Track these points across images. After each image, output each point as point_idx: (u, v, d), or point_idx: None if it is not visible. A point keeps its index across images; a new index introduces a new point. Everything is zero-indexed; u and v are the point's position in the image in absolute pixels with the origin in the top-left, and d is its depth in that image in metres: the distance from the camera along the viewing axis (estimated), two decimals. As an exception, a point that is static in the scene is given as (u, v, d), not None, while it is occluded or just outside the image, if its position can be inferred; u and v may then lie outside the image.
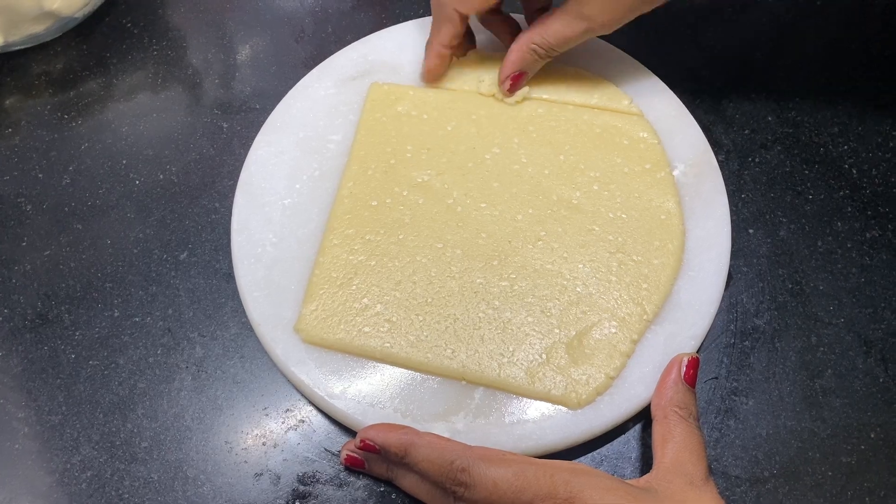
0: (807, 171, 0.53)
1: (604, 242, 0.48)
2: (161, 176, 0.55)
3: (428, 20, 0.57)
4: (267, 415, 0.47)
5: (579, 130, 0.51)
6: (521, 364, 0.44)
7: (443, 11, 0.50)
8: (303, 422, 0.46)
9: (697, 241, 0.48)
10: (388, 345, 0.45)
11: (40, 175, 0.55)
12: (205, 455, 0.46)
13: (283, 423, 0.47)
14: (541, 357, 0.45)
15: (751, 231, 0.51)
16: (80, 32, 0.60)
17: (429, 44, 0.53)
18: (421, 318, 0.46)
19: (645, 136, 0.51)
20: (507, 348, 0.45)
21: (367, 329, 0.45)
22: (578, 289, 0.46)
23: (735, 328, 0.48)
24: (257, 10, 0.62)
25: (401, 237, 0.48)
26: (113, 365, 0.48)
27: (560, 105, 0.53)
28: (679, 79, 0.56)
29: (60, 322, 0.50)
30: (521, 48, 0.50)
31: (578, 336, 0.45)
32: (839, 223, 0.51)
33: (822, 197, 0.52)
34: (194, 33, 0.61)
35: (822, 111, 0.55)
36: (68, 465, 0.45)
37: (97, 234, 0.53)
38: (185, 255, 0.52)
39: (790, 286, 0.49)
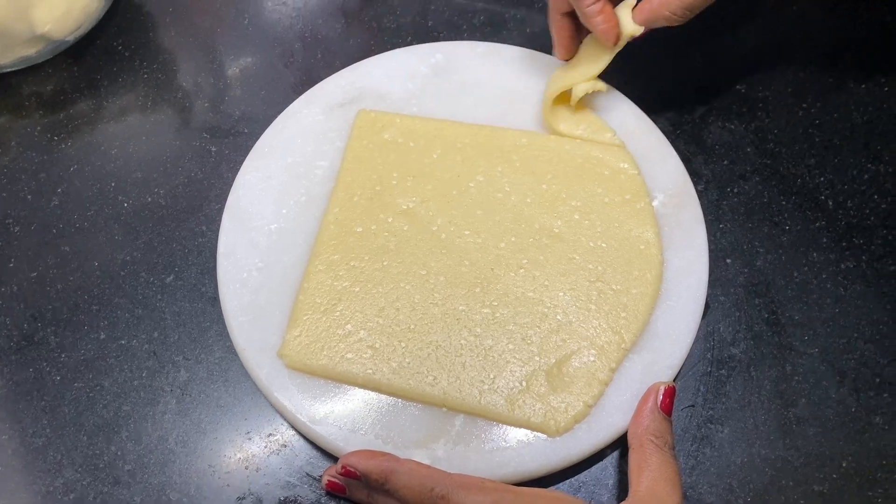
0: (784, 202, 0.54)
1: (584, 271, 0.49)
2: (149, 199, 0.55)
3: (415, 49, 0.58)
4: (250, 439, 0.47)
5: (562, 160, 0.52)
6: (502, 391, 0.45)
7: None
8: (285, 446, 0.47)
9: (676, 270, 0.49)
10: (370, 371, 0.46)
11: (29, 196, 0.55)
12: (188, 478, 0.46)
13: (265, 447, 0.47)
14: (521, 384, 0.45)
15: (728, 261, 0.52)
16: (71, 54, 0.61)
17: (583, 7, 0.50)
18: (403, 345, 0.46)
19: (625, 167, 0.52)
20: (488, 375, 0.46)
21: (349, 355, 0.46)
22: (559, 317, 0.47)
23: (712, 357, 0.49)
24: (247, 35, 0.63)
25: (385, 264, 0.49)
26: (98, 387, 0.49)
27: (544, 135, 0.54)
28: (660, 109, 0.57)
29: (46, 344, 0.50)
30: (654, 10, 0.49)
31: (558, 364, 0.46)
32: (815, 254, 0.52)
33: (798, 228, 0.53)
34: (185, 56, 0.62)
35: (800, 143, 0.56)
36: (51, 488, 0.46)
37: (85, 256, 0.53)
38: (171, 278, 0.52)
39: (766, 315, 0.50)
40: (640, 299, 0.48)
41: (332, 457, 0.46)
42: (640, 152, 0.53)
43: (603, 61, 0.51)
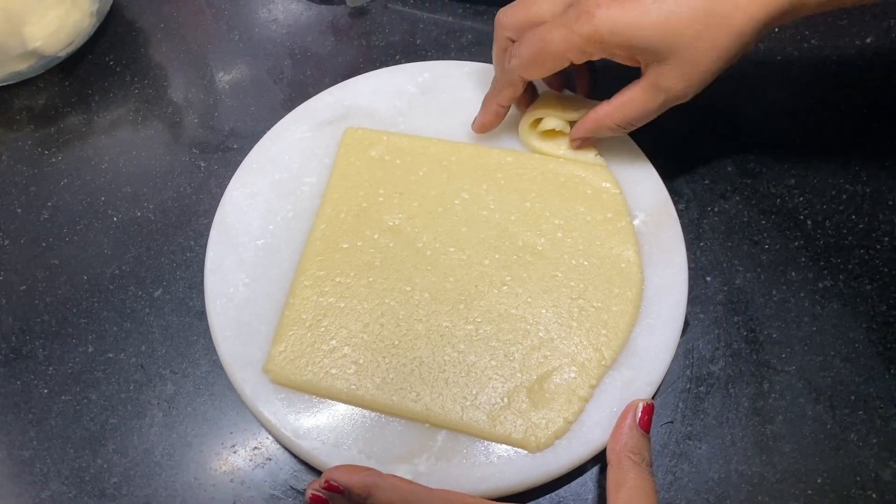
0: (764, 222, 0.55)
1: (566, 288, 0.49)
2: (138, 213, 0.56)
3: (402, 67, 0.59)
4: (235, 452, 0.48)
5: (545, 179, 0.53)
6: (484, 407, 0.46)
7: (507, 76, 0.50)
8: (270, 459, 0.48)
9: (656, 288, 0.50)
10: (353, 387, 0.46)
11: (19, 210, 0.56)
12: (174, 491, 0.47)
13: (250, 460, 0.48)
14: (503, 401, 0.46)
15: (708, 278, 0.53)
16: (62, 69, 0.62)
17: (487, 99, 0.53)
18: (387, 361, 0.47)
19: (608, 186, 0.53)
20: (471, 392, 0.46)
21: (334, 371, 0.47)
22: (541, 334, 0.48)
23: (691, 374, 0.50)
24: (238, 51, 0.63)
25: (370, 279, 0.50)
26: (85, 400, 0.49)
27: (528, 154, 0.54)
28: (642, 128, 0.58)
29: (34, 357, 0.51)
30: (599, 120, 0.50)
31: (539, 380, 0.47)
32: (793, 272, 0.53)
33: (777, 247, 0.54)
34: (175, 72, 0.63)
35: (780, 163, 0.57)
36: (37, 501, 0.46)
37: (73, 270, 0.54)
38: (159, 292, 0.53)
39: (745, 333, 0.51)
40: (621, 317, 0.48)
41: (316, 470, 0.47)
42: (621, 172, 0.54)
43: (581, 114, 0.52)
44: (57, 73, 0.62)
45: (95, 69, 0.62)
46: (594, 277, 0.50)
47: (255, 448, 0.48)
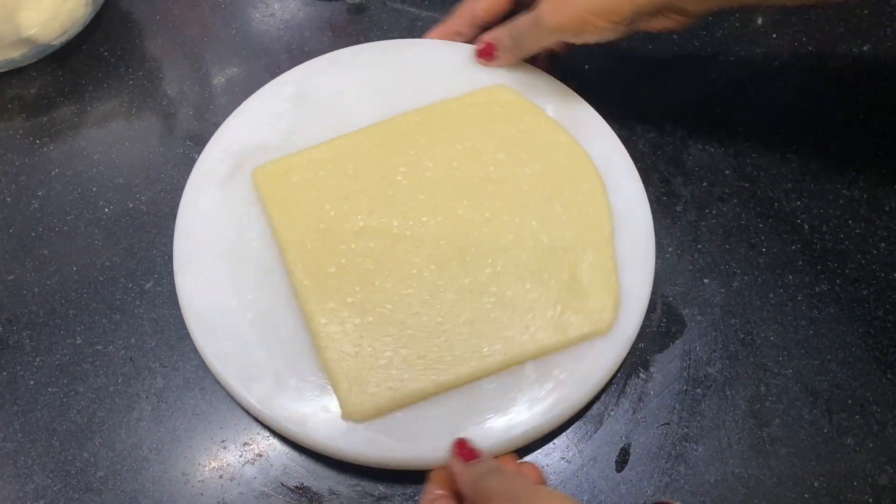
0: (761, 225, 0.55)
1: (537, 195, 0.51)
2: (130, 204, 0.55)
3: (262, 91, 0.56)
4: (225, 447, 0.47)
5: (458, 118, 0.54)
6: (548, 325, 0.47)
7: (461, 7, 0.56)
8: (260, 455, 0.47)
9: (598, 156, 0.53)
10: (434, 377, 0.46)
11: (8, 199, 0.55)
12: (161, 486, 0.46)
13: (240, 456, 0.47)
14: (555, 310, 0.47)
15: (706, 281, 0.53)
16: (56, 58, 0.61)
17: (438, 26, 0.58)
18: (443, 339, 0.47)
19: (510, 97, 0.54)
20: (526, 318, 0.47)
21: (406, 376, 0.46)
22: (543, 241, 0.50)
23: (688, 375, 0.50)
24: (234, 44, 0.63)
25: (377, 283, 0.48)
26: (72, 392, 0.48)
27: (430, 106, 0.55)
28: (641, 130, 0.58)
29: (21, 347, 0.50)
30: (502, 25, 0.54)
31: (570, 278, 0.48)
32: (790, 276, 0.53)
33: (774, 250, 0.54)
34: (171, 64, 0.62)
35: (778, 167, 0.57)
36: (21, 493, 0.45)
37: (63, 261, 0.53)
38: (150, 284, 0.52)
39: (742, 336, 0.51)
40: (594, 192, 0.51)
41: (309, 467, 0.46)
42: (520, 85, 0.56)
43: None
44: (50, 62, 0.61)
45: (89, 59, 0.62)
46: (552, 172, 0.52)
47: (246, 444, 0.47)
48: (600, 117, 0.54)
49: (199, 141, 0.58)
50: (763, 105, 0.60)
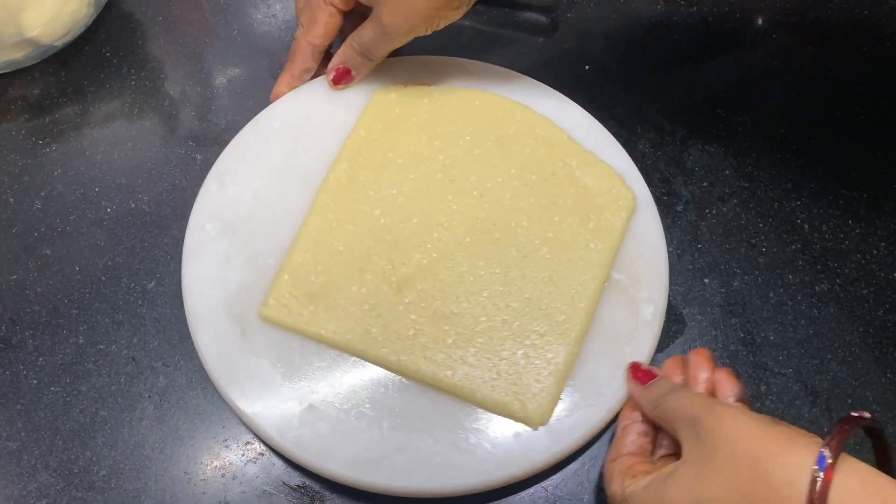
0: (761, 225, 0.55)
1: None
2: (133, 205, 0.55)
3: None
4: (227, 447, 0.47)
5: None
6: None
7: (296, 45, 0.55)
8: (262, 454, 0.47)
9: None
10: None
11: (11, 199, 0.55)
12: (163, 485, 0.46)
13: (242, 455, 0.47)
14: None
15: (706, 280, 0.53)
16: (58, 59, 0.61)
17: (283, 73, 0.56)
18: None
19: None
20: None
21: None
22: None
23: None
24: (236, 45, 0.63)
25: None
26: (75, 392, 0.49)
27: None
28: (641, 130, 0.58)
29: (24, 347, 0.50)
30: (345, 45, 0.54)
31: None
32: (790, 276, 0.53)
33: (774, 250, 0.54)
34: (172, 64, 0.62)
35: (778, 167, 0.57)
36: (24, 492, 0.46)
37: (66, 261, 0.53)
38: (152, 284, 0.52)
39: (742, 335, 0.51)
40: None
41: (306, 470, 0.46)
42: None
43: None
44: (53, 62, 0.61)
45: (92, 60, 0.62)
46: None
47: (248, 443, 0.47)
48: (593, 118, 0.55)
49: (201, 141, 0.58)
50: (763, 105, 0.60)
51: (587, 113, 0.55)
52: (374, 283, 0.48)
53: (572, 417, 0.45)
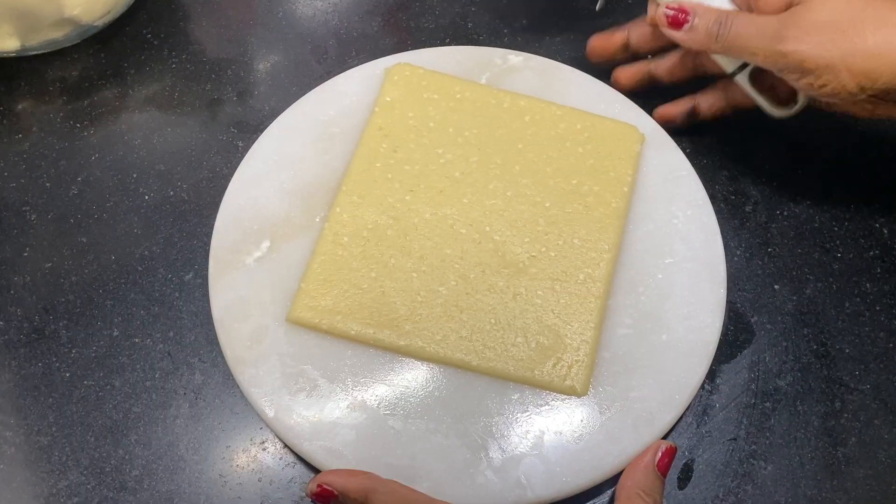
0: (836, 228, 0.51)
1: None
2: (171, 192, 0.53)
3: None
4: (265, 449, 0.45)
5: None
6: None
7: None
8: (302, 459, 0.45)
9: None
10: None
11: (48, 184, 0.53)
12: (197, 488, 0.44)
13: (280, 459, 0.45)
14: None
15: (776, 287, 0.49)
16: (98, 40, 0.59)
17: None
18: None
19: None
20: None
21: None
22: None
23: (756, 388, 0.46)
24: (280, 28, 0.61)
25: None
26: (108, 387, 0.47)
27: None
28: (706, 125, 0.54)
29: (57, 338, 0.48)
30: (707, 7, 0.47)
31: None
32: (868, 284, 0.49)
33: (851, 255, 0.50)
34: (215, 48, 0.60)
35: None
36: (54, 490, 0.44)
37: (101, 249, 0.51)
38: (190, 275, 0.50)
39: (815, 347, 0.48)
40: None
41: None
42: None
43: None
44: (92, 44, 0.59)
45: (132, 42, 0.60)
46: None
47: (286, 446, 0.45)
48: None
49: (243, 128, 0.56)
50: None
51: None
52: (402, 276, 0.47)
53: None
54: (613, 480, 0.43)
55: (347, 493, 0.39)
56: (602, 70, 0.55)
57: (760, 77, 0.49)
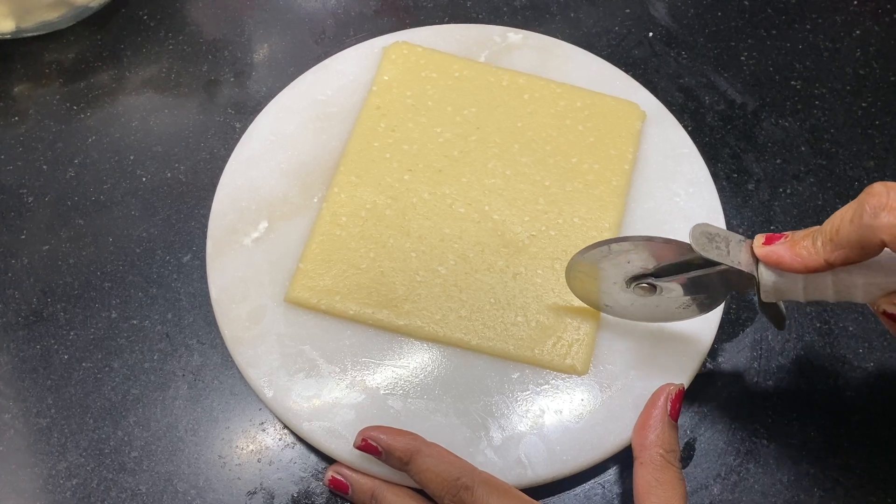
0: (840, 206, 0.51)
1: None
2: (169, 174, 0.53)
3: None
4: (264, 430, 0.45)
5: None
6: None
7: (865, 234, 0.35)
8: (301, 440, 0.44)
9: None
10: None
11: (44, 167, 0.53)
12: (197, 469, 0.44)
13: (280, 439, 0.45)
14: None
15: (779, 265, 0.49)
16: (94, 21, 0.59)
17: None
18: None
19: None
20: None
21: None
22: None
23: (759, 366, 0.46)
24: (278, 9, 0.60)
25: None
26: (107, 368, 0.46)
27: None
28: (711, 102, 0.54)
29: (55, 320, 0.48)
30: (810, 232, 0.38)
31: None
32: (871, 262, 0.49)
33: (854, 233, 0.50)
34: (212, 29, 0.59)
35: (858, 144, 0.53)
36: (53, 472, 0.44)
37: (99, 231, 0.51)
38: (188, 257, 0.50)
39: (818, 325, 0.47)
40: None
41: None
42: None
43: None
44: (88, 25, 0.59)
45: (129, 23, 0.59)
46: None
47: (285, 427, 0.45)
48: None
49: (241, 109, 0.55)
50: (842, 76, 0.55)
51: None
52: (401, 256, 0.46)
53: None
54: (614, 459, 0.43)
55: (392, 452, 0.39)
56: (602, 47, 0.55)
57: None
